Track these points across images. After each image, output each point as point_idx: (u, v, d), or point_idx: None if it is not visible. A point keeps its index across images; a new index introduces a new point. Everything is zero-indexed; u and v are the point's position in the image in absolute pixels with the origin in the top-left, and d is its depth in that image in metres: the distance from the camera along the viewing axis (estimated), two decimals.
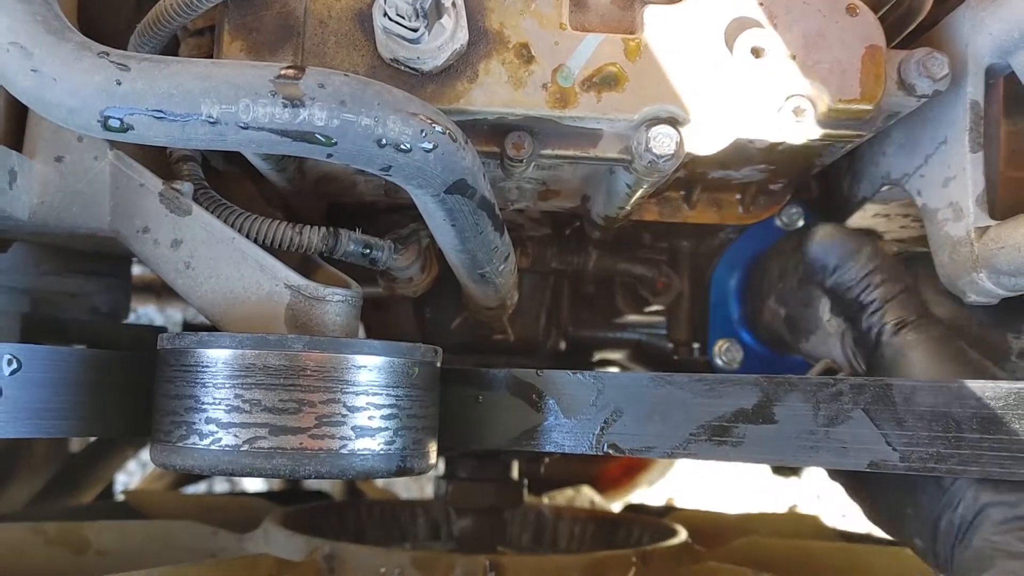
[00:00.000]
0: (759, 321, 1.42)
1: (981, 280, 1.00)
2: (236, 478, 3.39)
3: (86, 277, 1.48)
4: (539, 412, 1.04)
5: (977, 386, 0.91)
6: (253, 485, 3.31)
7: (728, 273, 1.48)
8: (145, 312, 2.99)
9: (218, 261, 0.96)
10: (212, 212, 0.98)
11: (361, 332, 1.35)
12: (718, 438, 0.98)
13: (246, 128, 0.77)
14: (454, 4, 0.90)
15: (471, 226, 0.93)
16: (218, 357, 0.86)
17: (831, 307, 1.22)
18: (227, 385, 0.86)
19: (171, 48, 1.01)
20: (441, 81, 0.95)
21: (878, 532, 1.75)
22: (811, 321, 1.25)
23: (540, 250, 1.50)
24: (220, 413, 0.85)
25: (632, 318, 1.78)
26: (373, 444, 0.88)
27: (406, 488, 3.34)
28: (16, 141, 1.01)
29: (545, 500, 2.48)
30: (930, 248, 1.08)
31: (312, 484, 2.59)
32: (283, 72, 0.78)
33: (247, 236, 0.98)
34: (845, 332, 1.19)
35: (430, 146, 0.80)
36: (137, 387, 0.95)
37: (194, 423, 0.86)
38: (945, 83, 1.01)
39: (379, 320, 1.73)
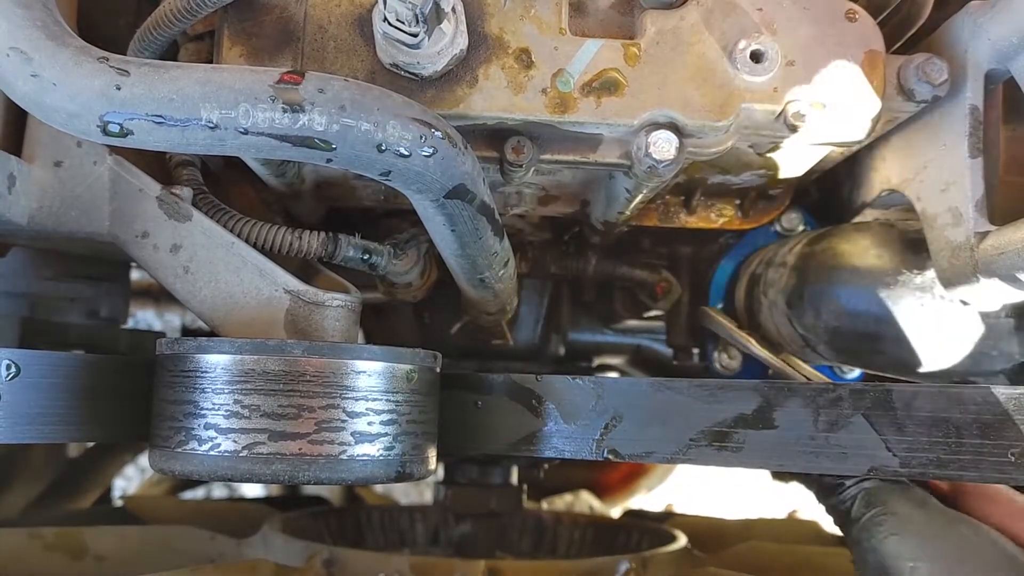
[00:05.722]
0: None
1: (981, 285, 1.00)
2: (235, 484, 3.38)
3: (85, 282, 1.48)
4: (538, 417, 1.04)
5: (977, 392, 0.90)
6: (252, 491, 3.31)
7: (727, 278, 1.48)
8: (144, 317, 2.99)
9: (217, 266, 0.96)
10: (211, 217, 0.98)
11: (360, 337, 1.35)
12: (718, 443, 0.98)
13: (246, 133, 0.77)
14: (454, 9, 0.90)
15: (471, 231, 0.93)
16: (217, 362, 0.86)
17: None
18: (226, 390, 0.85)
19: (171, 53, 1.01)
20: (441, 86, 0.95)
21: None
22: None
23: (540, 255, 1.50)
24: (219, 419, 0.85)
25: (631, 323, 1.78)
26: (372, 449, 0.88)
27: (405, 493, 3.34)
28: (15, 146, 1.01)
29: (544, 505, 2.48)
30: (930, 253, 1.08)
31: (311, 489, 2.58)
32: (283, 77, 0.78)
33: (246, 241, 0.98)
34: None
35: (429, 151, 0.80)
36: (136, 392, 0.95)
37: (193, 428, 0.86)
38: (944, 88, 1.01)
39: (378, 325, 1.73)
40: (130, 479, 3.23)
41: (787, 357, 1.24)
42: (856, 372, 1.43)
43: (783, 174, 1.20)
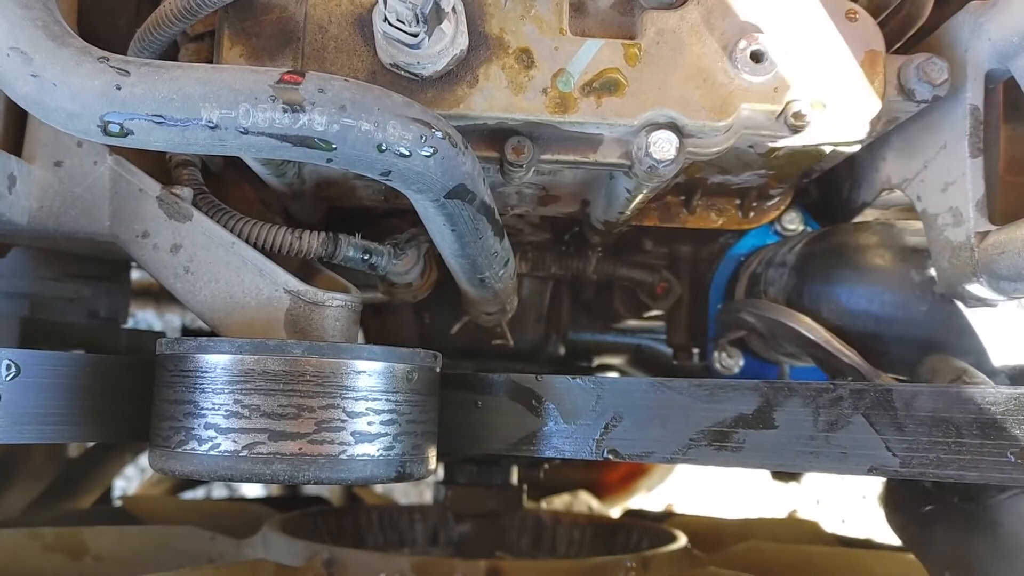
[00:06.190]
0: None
1: (981, 285, 1.00)
2: (235, 484, 3.38)
3: (85, 282, 1.48)
4: (538, 417, 1.03)
5: (977, 391, 0.90)
6: (252, 491, 3.31)
7: (727, 278, 1.48)
8: (144, 317, 2.99)
9: (217, 266, 0.96)
10: (211, 217, 0.98)
11: (360, 337, 1.35)
12: (718, 443, 0.97)
13: (246, 133, 0.77)
14: (454, 9, 0.90)
15: (471, 231, 0.93)
16: (217, 362, 0.86)
17: None
18: (226, 390, 0.85)
19: (171, 53, 1.01)
20: (441, 86, 0.95)
21: (878, 537, 1.74)
22: None
23: (540, 255, 1.50)
24: (219, 418, 0.85)
25: (631, 323, 1.78)
26: (372, 449, 0.88)
27: (405, 493, 3.34)
28: (16, 146, 1.01)
29: (543, 505, 2.48)
30: (930, 253, 1.08)
31: (311, 489, 2.59)
32: (283, 77, 0.78)
33: (246, 241, 0.98)
34: None
35: (430, 151, 0.80)
36: (136, 392, 0.95)
37: (193, 428, 0.86)
38: (945, 88, 1.01)
39: (378, 325, 1.73)
40: (130, 479, 3.23)
41: (876, 370, 1.20)
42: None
43: (783, 174, 1.20)
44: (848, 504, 3.42)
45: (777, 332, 1.32)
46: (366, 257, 1.08)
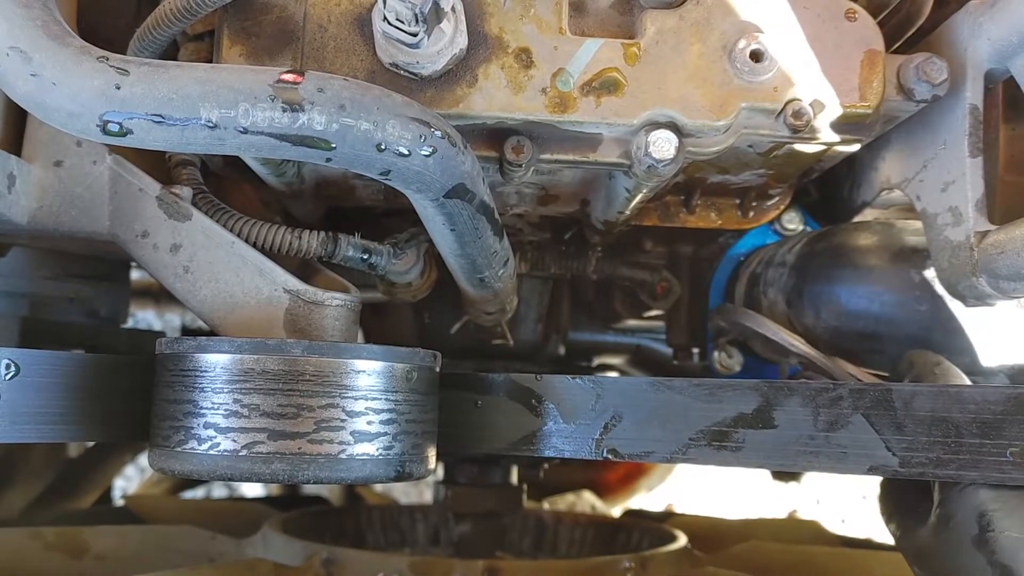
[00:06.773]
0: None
1: (980, 284, 1.00)
2: (235, 483, 3.38)
3: (85, 281, 1.48)
4: (538, 417, 1.03)
5: (977, 391, 0.90)
6: (252, 490, 3.31)
7: (727, 278, 1.48)
8: (144, 316, 2.99)
9: (217, 265, 0.96)
10: (211, 216, 0.98)
11: (360, 337, 1.35)
12: (718, 443, 0.97)
13: (245, 132, 0.77)
14: (453, 9, 0.90)
15: (470, 231, 0.93)
16: (217, 362, 0.86)
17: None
18: (226, 390, 0.85)
19: (171, 53, 1.01)
20: (440, 86, 0.95)
21: (878, 537, 1.74)
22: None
23: (539, 255, 1.50)
24: (219, 418, 0.85)
25: (631, 323, 1.78)
26: (372, 449, 0.88)
27: (405, 493, 3.34)
28: (15, 146, 1.01)
29: (546, 505, 2.48)
30: (930, 252, 1.08)
31: (311, 489, 2.59)
32: (282, 76, 0.78)
33: (246, 240, 0.98)
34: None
35: (429, 151, 0.80)
36: (136, 392, 0.95)
37: (193, 428, 0.86)
38: (944, 88, 1.01)
39: (378, 325, 1.73)
40: (130, 479, 3.23)
41: (834, 359, 1.22)
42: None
43: (783, 174, 1.20)
44: (848, 504, 3.42)
45: (744, 333, 1.33)
46: (366, 257, 1.08)
